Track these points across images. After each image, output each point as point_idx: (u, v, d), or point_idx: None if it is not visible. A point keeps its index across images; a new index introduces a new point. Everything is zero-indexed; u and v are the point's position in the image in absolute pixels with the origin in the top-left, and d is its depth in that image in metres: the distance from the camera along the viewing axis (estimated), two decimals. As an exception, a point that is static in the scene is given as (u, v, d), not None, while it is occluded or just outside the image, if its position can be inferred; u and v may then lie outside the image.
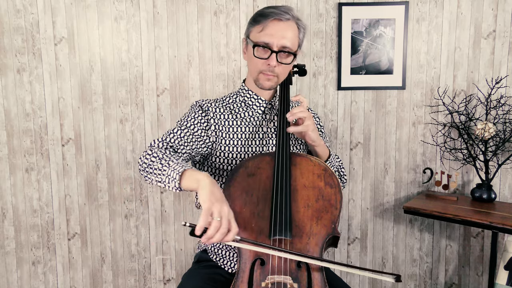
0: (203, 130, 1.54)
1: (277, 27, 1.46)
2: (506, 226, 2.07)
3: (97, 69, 2.54)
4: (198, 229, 1.15)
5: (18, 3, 2.47)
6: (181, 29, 2.53)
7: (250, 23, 1.53)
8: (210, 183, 1.23)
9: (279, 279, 1.28)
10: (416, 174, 2.64)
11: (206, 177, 1.24)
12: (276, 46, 1.47)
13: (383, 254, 2.71)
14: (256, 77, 1.54)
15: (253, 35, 1.51)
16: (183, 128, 1.52)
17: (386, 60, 2.53)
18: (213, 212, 1.16)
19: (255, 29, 1.50)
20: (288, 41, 1.47)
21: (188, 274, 1.62)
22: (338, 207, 1.39)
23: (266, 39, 1.46)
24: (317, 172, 1.43)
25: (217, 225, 1.16)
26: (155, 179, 1.35)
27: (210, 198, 1.19)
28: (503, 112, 2.49)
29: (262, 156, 1.47)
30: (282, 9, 1.48)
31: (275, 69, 1.50)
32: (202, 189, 1.21)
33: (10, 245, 2.64)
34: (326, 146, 1.61)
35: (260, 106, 1.62)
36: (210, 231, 1.15)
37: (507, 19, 2.46)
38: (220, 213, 1.17)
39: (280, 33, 1.46)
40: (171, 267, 2.71)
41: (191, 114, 1.57)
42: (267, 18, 1.47)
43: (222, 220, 1.17)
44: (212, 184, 1.23)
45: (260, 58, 1.49)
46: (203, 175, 1.25)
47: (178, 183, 1.28)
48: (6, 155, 2.57)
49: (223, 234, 1.17)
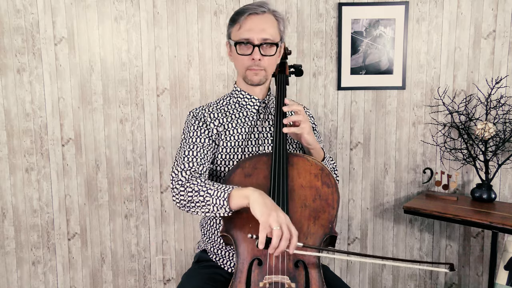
0: (208, 138, 1.55)
1: (254, 21, 1.50)
2: (506, 226, 2.07)
3: (97, 69, 2.54)
4: (261, 242, 1.19)
5: (18, 3, 2.47)
6: (181, 29, 2.53)
7: (229, 25, 1.57)
8: (259, 195, 1.27)
9: (277, 279, 1.28)
10: (416, 174, 2.63)
11: (253, 191, 1.28)
12: (257, 40, 1.50)
13: (383, 254, 2.70)
14: (244, 75, 1.57)
15: (233, 35, 1.54)
16: (192, 146, 1.53)
17: (386, 60, 2.53)
18: (271, 223, 1.19)
19: (234, 29, 1.54)
20: (267, 33, 1.50)
21: (188, 274, 1.63)
22: (335, 206, 1.39)
23: (246, 35, 1.50)
24: (314, 172, 1.43)
25: (279, 234, 1.19)
26: (201, 211, 1.39)
27: (264, 210, 1.22)
28: (503, 112, 2.49)
29: (259, 156, 1.47)
30: (256, 4, 1.52)
31: (261, 62, 1.52)
32: (254, 203, 1.25)
33: (10, 245, 2.64)
34: (321, 149, 1.62)
35: (254, 106, 1.63)
36: (274, 241, 1.18)
37: (507, 19, 2.46)
38: (278, 221, 1.20)
39: (258, 26, 1.50)
40: (171, 267, 2.71)
41: (191, 128, 1.58)
42: (243, 15, 1.50)
43: (282, 227, 1.20)
44: (261, 196, 1.27)
45: (244, 55, 1.52)
46: (250, 190, 1.29)
47: (229, 208, 1.32)
48: (6, 155, 2.57)
49: (287, 240, 1.20)
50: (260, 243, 1.18)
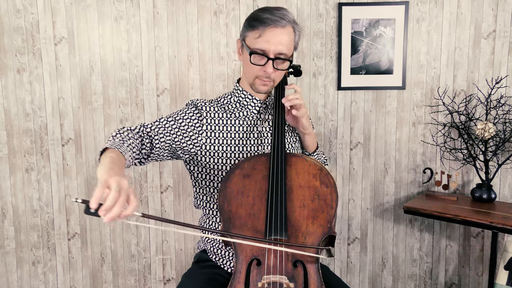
0: (192, 127, 1.54)
1: (274, 33, 1.46)
2: (506, 226, 2.07)
3: (97, 69, 2.54)
4: (93, 201, 1.04)
5: (18, 3, 2.47)
6: (181, 29, 2.53)
7: (246, 27, 1.52)
8: (110, 162, 1.19)
9: (275, 279, 1.28)
10: (416, 174, 2.63)
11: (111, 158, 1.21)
12: (273, 53, 1.47)
13: (383, 254, 2.70)
14: (252, 82, 1.55)
15: (249, 41, 1.50)
16: (170, 119, 1.53)
17: (386, 60, 2.53)
18: (111, 184, 1.07)
19: (252, 35, 1.49)
20: (285, 47, 1.48)
21: (188, 274, 1.63)
22: (334, 206, 1.39)
23: (263, 46, 1.46)
24: (313, 172, 1.43)
25: (116, 196, 1.05)
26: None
27: (109, 172, 1.13)
28: (503, 112, 2.48)
29: (257, 156, 1.47)
30: (278, 15, 1.46)
31: (271, 75, 1.51)
32: (102, 165, 1.17)
33: (10, 245, 2.65)
34: (315, 137, 1.66)
35: (255, 106, 1.63)
36: (108, 201, 1.04)
37: (507, 19, 2.46)
38: (119, 184, 1.07)
39: (277, 39, 1.46)
40: (171, 267, 2.71)
41: (183, 110, 1.58)
42: (264, 25, 1.46)
43: (121, 191, 1.07)
44: (112, 163, 1.18)
45: (256, 65, 1.50)
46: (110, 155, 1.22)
47: (99, 157, 1.27)
48: (6, 155, 2.58)
49: (121, 206, 1.06)
50: (93, 202, 1.03)
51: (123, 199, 1.06)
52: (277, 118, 1.54)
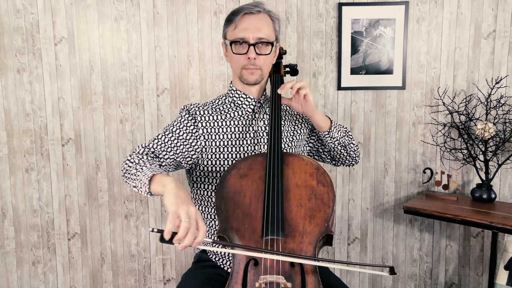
0: (190, 133, 1.55)
1: (249, 20, 1.52)
2: (506, 226, 2.06)
3: (97, 69, 2.55)
4: (167, 232, 1.13)
5: (18, 3, 2.48)
6: (181, 29, 2.53)
7: (225, 25, 1.59)
8: (175, 187, 1.23)
9: (272, 279, 1.28)
10: (416, 174, 2.63)
11: (172, 181, 1.25)
12: (252, 39, 1.51)
13: (383, 254, 2.70)
14: (240, 74, 1.58)
15: (229, 34, 1.56)
16: (168, 133, 1.55)
17: (386, 60, 2.53)
18: (180, 214, 1.15)
19: (230, 28, 1.55)
20: (263, 32, 1.52)
21: (187, 274, 1.63)
22: (331, 205, 1.39)
23: (241, 34, 1.51)
24: (310, 171, 1.43)
25: (187, 226, 1.14)
26: (132, 184, 1.39)
27: (176, 201, 1.18)
28: (503, 112, 2.48)
29: (254, 157, 1.47)
30: (251, 4, 1.53)
31: (256, 61, 1.53)
32: (168, 193, 1.22)
33: (10, 245, 2.65)
34: (323, 113, 1.62)
35: (249, 105, 1.63)
36: (180, 232, 1.13)
37: (507, 19, 2.45)
38: (187, 214, 1.15)
39: (253, 25, 1.51)
40: (171, 267, 2.71)
41: (177, 119, 1.60)
42: (238, 15, 1.52)
43: (191, 220, 1.15)
44: (177, 188, 1.23)
45: (239, 54, 1.53)
46: (169, 180, 1.26)
47: (148, 188, 1.31)
48: (6, 155, 2.58)
49: (193, 234, 1.15)
50: (167, 233, 1.13)
51: (194, 228, 1.15)
52: (273, 117, 1.54)
